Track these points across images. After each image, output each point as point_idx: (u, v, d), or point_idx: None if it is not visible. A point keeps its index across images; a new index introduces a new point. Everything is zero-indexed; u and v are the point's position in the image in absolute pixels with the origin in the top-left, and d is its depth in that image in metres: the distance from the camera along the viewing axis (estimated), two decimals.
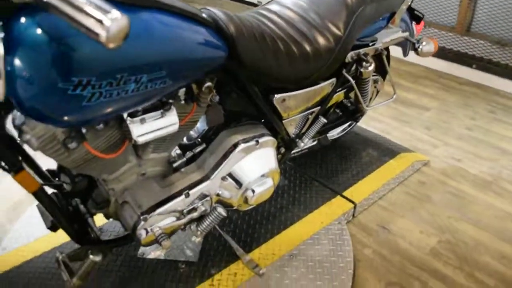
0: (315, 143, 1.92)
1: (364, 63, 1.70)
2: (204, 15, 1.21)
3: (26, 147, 1.13)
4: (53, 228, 1.36)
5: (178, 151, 1.48)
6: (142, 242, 1.33)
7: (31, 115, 0.95)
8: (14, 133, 1.08)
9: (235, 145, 1.41)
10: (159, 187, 1.36)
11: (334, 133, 2.12)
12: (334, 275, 1.58)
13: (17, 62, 0.85)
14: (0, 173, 1.10)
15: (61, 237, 1.69)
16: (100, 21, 0.65)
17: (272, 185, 1.52)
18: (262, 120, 1.55)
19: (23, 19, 0.85)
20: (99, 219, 1.44)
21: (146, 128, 1.16)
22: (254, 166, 1.46)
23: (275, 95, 1.47)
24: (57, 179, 1.37)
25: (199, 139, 1.48)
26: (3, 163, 1.07)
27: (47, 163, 1.33)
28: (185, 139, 1.52)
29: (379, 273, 1.65)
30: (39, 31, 0.85)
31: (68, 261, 1.30)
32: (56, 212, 1.24)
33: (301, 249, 1.67)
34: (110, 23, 0.64)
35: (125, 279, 1.55)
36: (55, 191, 1.39)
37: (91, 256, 1.24)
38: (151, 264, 1.60)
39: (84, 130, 1.12)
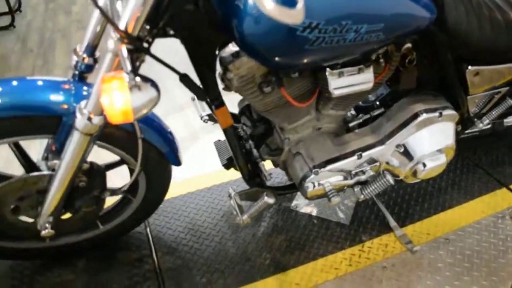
0: (488, 126, 1.76)
1: None
2: None
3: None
4: (227, 165, 1.44)
5: (352, 112, 1.46)
6: (308, 195, 1.35)
7: (250, 51, 0.98)
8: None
9: (416, 115, 1.34)
10: (333, 144, 1.35)
11: (510, 120, 1.92)
12: (493, 270, 1.47)
13: None
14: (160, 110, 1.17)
15: (221, 177, 1.80)
16: None
17: (445, 162, 1.43)
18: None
19: None
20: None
21: (343, 82, 1.15)
22: (432, 140, 1.38)
23: (469, 67, 1.35)
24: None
25: (377, 103, 1.44)
26: (207, 97, 1.14)
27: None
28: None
29: None
30: None
31: (238, 199, 1.36)
32: (238, 151, 1.30)
33: (459, 235, 1.58)
34: None
35: (277, 227, 1.60)
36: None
37: (266, 198, 1.29)
38: (303, 218, 1.63)
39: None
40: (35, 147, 1.41)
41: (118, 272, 1.48)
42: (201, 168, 1.86)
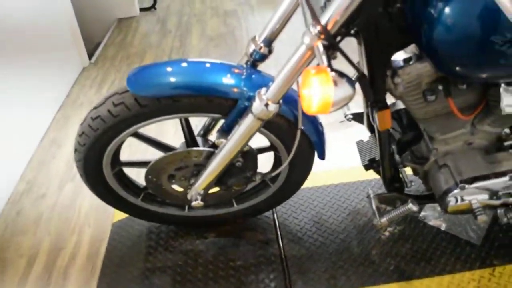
0: None
1: None
2: None
3: None
4: (367, 166, 1.46)
5: (507, 130, 1.40)
6: (449, 209, 1.32)
7: (434, 57, 0.99)
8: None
9: None
10: (484, 161, 1.31)
11: None
12: None
13: (462, 7, 0.88)
14: None
15: (348, 176, 1.83)
16: None
17: None
18: None
19: None
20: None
21: None
22: None
23: None
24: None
25: None
26: (371, 99, 1.16)
27: None
28: None
29: None
30: None
31: (376, 201, 1.38)
32: (386, 154, 1.31)
33: None
34: None
35: (403, 235, 1.58)
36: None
37: (410, 204, 1.29)
38: (430, 231, 1.59)
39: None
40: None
41: (245, 250, 1.57)
42: (327, 164, 1.89)
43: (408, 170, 1.45)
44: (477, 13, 0.88)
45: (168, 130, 2.20)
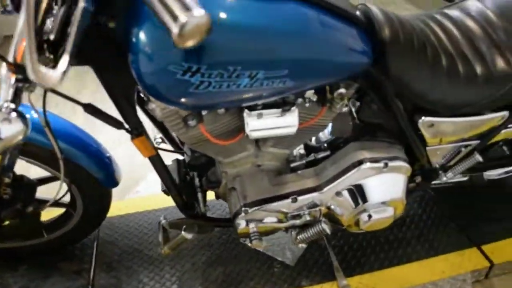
0: (465, 178, 1.64)
1: None
2: (357, 12, 1.08)
3: None
4: (166, 192, 1.43)
5: (302, 151, 1.40)
6: (238, 232, 1.31)
7: (146, 90, 0.96)
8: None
9: (360, 162, 1.26)
10: (270, 183, 1.30)
11: (493, 174, 1.76)
12: None
13: (141, 35, 0.85)
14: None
15: None
16: (176, 17, 0.59)
17: (392, 216, 1.34)
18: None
19: None
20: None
21: (262, 124, 1.11)
22: (376, 190, 1.30)
23: (422, 117, 1.26)
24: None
25: (325, 145, 1.37)
26: (126, 125, 1.13)
27: None
28: (314, 140, 1.43)
29: None
30: None
31: (168, 227, 1.35)
32: (167, 179, 1.28)
33: None
34: (186, 20, 0.58)
35: (220, 258, 1.56)
36: (182, 157, 1.45)
37: (183, 232, 1.26)
38: (249, 253, 1.58)
39: (204, 112, 1.11)
40: None
41: (54, 281, 1.50)
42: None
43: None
44: (158, 44, 0.86)
45: None
